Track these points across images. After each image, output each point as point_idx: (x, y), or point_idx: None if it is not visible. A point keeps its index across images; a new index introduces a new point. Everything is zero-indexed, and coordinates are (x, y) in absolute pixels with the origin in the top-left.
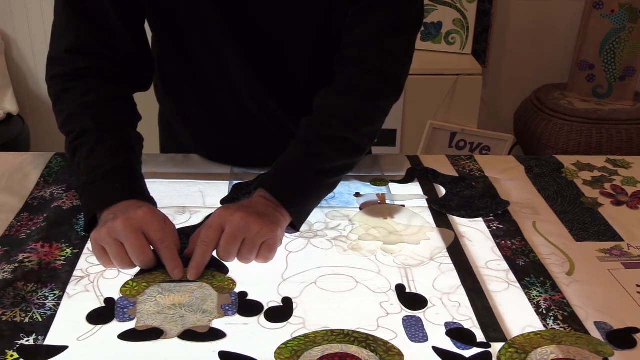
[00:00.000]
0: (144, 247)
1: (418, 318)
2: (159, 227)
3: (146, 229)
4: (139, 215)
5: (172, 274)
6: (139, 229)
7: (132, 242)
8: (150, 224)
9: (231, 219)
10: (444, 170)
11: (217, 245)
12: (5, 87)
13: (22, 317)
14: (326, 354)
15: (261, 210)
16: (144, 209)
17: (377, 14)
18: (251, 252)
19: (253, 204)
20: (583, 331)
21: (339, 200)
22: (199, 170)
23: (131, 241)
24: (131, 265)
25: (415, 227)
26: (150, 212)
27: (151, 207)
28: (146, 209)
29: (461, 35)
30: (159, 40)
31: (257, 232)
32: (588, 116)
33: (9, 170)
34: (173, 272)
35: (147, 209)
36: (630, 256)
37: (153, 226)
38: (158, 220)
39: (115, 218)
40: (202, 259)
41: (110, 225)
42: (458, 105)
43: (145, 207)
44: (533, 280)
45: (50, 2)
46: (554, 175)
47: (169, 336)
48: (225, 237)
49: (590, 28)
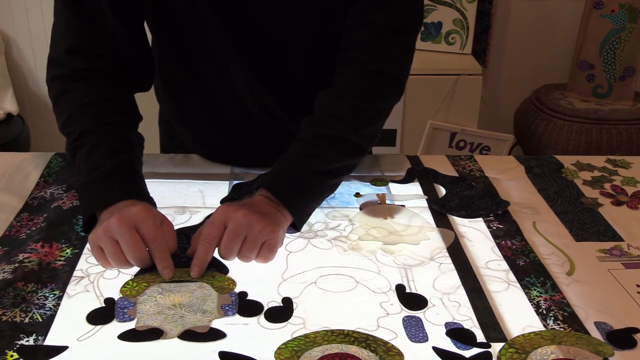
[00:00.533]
0: (137, 244)
1: (418, 318)
2: (152, 225)
3: (140, 226)
4: (133, 212)
5: (161, 274)
6: (132, 226)
7: (126, 238)
8: (144, 222)
9: (234, 216)
10: (444, 170)
11: (219, 243)
12: (5, 87)
13: (22, 317)
14: (326, 354)
15: (263, 210)
16: (139, 206)
17: (377, 15)
18: (252, 250)
19: (255, 203)
20: (583, 331)
21: (339, 200)
22: (199, 170)
23: (125, 238)
24: (127, 264)
25: (415, 227)
26: (145, 210)
27: (146, 205)
28: (141, 206)
29: (461, 35)
30: (159, 41)
31: (259, 230)
32: (588, 116)
33: (9, 170)
34: (162, 272)
35: (142, 206)
36: (630, 256)
37: (147, 223)
38: (152, 218)
39: (111, 216)
40: (205, 256)
41: (106, 223)
42: (458, 105)
43: (140, 205)
44: (533, 280)
45: (50, 2)
46: (554, 175)
47: (169, 336)
48: (227, 234)
49: (590, 28)
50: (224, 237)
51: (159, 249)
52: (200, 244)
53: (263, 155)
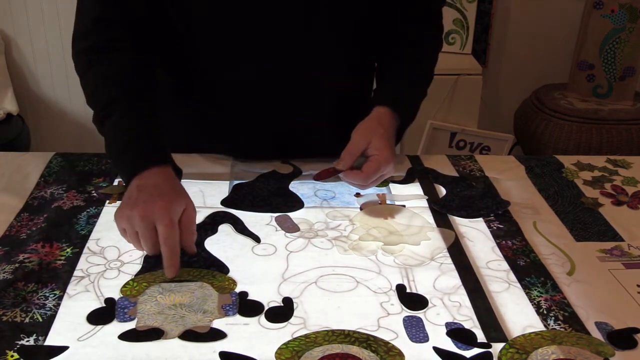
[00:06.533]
0: (152, 241)
1: (419, 318)
2: (168, 223)
3: (158, 223)
4: (155, 210)
5: (165, 271)
6: (152, 222)
7: (144, 233)
8: (161, 220)
9: (388, 165)
10: (444, 170)
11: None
12: (5, 87)
13: (22, 317)
14: (327, 354)
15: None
16: (161, 203)
17: None
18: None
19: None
20: (584, 331)
21: (340, 200)
22: (199, 170)
23: (143, 232)
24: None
25: (416, 227)
26: (165, 208)
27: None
28: (162, 203)
29: (461, 35)
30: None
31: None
32: (588, 116)
33: (9, 170)
34: (166, 270)
35: (164, 203)
36: (630, 256)
37: (163, 221)
38: (169, 217)
39: (135, 204)
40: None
41: (129, 213)
42: (458, 105)
43: (162, 201)
44: (533, 280)
45: (51, 2)
46: (554, 175)
47: (170, 336)
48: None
49: (590, 28)
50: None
51: (168, 249)
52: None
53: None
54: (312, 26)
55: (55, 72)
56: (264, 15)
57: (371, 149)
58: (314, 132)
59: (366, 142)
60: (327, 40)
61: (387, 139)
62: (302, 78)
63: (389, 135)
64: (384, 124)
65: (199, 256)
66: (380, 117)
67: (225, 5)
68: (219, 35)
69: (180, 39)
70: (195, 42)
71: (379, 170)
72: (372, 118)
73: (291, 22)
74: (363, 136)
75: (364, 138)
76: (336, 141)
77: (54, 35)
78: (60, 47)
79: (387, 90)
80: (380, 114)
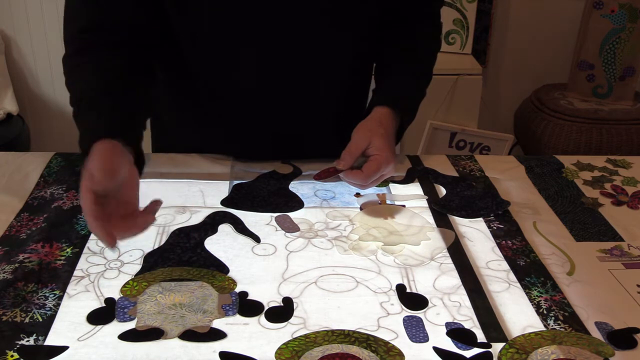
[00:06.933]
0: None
1: (419, 318)
2: (87, 209)
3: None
4: (81, 193)
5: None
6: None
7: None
8: (83, 204)
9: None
10: (444, 170)
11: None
12: (5, 87)
13: (22, 317)
14: (327, 354)
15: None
16: (85, 182)
17: None
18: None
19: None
20: (584, 331)
21: (340, 200)
22: (199, 170)
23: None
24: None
25: (416, 227)
26: (85, 184)
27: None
28: (85, 183)
29: (461, 35)
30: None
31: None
32: (588, 116)
33: (9, 170)
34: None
35: (85, 183)
36: (630, 256)
37: (85, 207)
38: (90, 201)
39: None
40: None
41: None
42: (458, 105)
43: (84, 182)
44: (533, 280)
45: (51, 2)
46: (554, 175)
47: (170, 336)
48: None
49: (590, 28)
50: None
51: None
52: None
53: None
54: (312, 27)
55: (55, 72)
56: (263, 16)
57: (371, 149)
58: (314, 132)
59: (366, 142)
60: (327, 40)
61: (388, 139)
62: (303, 79)
63: (389, 136)
64: (384, 124)
65: (199, 256)
66: (381, 117)
67: (226, 5)
68: (219, 35)
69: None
70: (195, 42)
71: (380, 170)
72: (372, 118)
73: (291, 23)
74: (363, 136)
75: (364, 138)
76: (336, 141)
77: (54, 35)
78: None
79: (386, 90)
80: (380, 114)
